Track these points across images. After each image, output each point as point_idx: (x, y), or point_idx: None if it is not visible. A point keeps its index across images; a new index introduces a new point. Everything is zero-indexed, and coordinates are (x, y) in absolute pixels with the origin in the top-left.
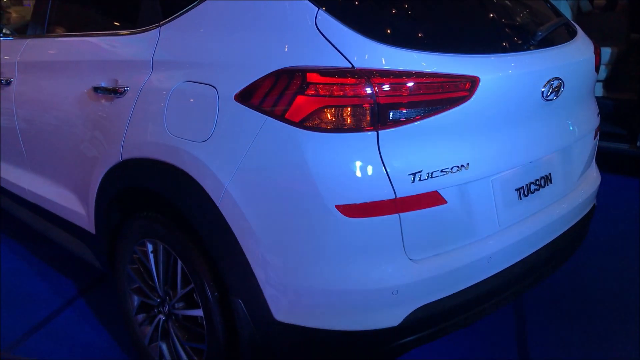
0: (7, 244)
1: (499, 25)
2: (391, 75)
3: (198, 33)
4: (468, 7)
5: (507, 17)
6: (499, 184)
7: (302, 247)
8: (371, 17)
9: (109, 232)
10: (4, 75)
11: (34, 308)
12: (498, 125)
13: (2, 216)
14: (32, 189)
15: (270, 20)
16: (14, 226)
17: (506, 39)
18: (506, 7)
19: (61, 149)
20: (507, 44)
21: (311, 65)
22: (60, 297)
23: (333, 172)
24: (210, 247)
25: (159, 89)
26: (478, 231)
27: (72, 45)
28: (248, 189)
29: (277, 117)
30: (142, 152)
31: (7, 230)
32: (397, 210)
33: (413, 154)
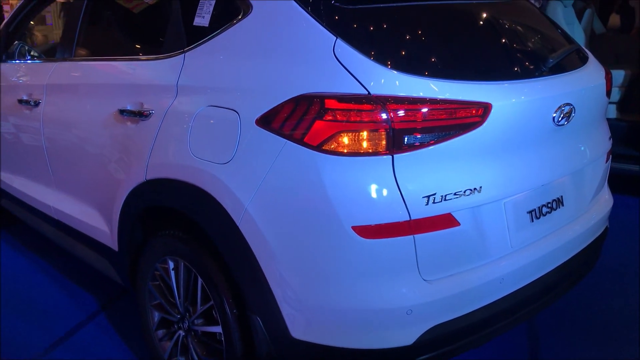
0: (31, 259)
1: (511, 52)
2: (406, 101)
3: (221, 60)
4: (480, 34)
5: (519, 43)
6: (511, 207)
7: (319, 266)
8: (387, 45)
9: (131, 249)
10: (33, 96)
11: (56, 322)
12: (510, 149)
13: (27, 232)
14: (57, 207)
15: (290, 48)
16: (38, 241)
17: (518, 66)
18: (518, 33)
19: (86, 168)
20: (519, 70)
21: (329, 91)
22: (81, 311)
23: (349, 194)
24: (230, 265)
25: (183, 113)
26: (491, 253)
27: (99, 68)
28: (267, 209)
29: (296, 140)
30: (166, 173)
31: (31, 246)
32: (411, 231)
33: (427, 177)
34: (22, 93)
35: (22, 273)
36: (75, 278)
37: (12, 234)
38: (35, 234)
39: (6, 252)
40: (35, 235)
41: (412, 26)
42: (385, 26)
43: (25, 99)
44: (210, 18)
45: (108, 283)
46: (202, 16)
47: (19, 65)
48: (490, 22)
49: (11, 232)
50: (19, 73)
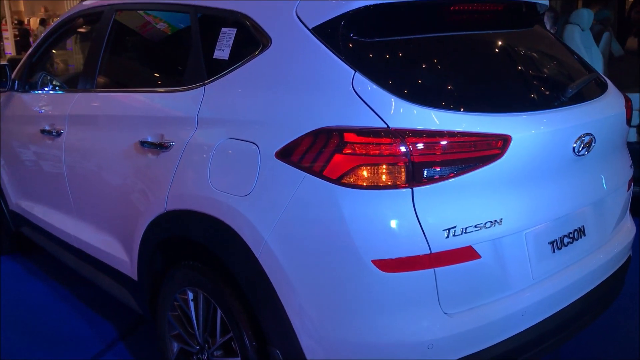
0: (51, 286)
1: (530, 83)
2: (425, 134)
3: (240, 92)
4: (498, 65)
5: (538, 73)
6: (532, 238)
7: (339, 299)
8: (405, 78)
9: (151, 279)
10: (55, 127)
11: (75, 351)
12: (530, 180)
13: (47, 259)
14: (77, 235)
15: (309, 82)
16: (59, 268)
17: (537, 96)
18: (536, 63)
19: (107, 198)
20: (538, 101)
21: (348, 125)
22: (101, 340)
23: (369, 227)
24: (250, 297)
25: (204, 145)
26: (512, 285)
27: (120, 100)
28: (287, 242)
29: (315, 173)
30: (187, 204)
31: (51, 273)
32: (432, 265)
33: (447, 210)
34: (44, 123)
35: (42, 300)
36: (95, 306)
37: (32, 261)
38: (56, 261)
39: (27, 279)
40: (56, 263)
41: (429, 58)
42: (403, 59)
43: (47, 129)
44: (229, 51)
45: (127, 311)
46: (222, 49)
47: (41, 95)
48: (508, 52)
49: (32, 259)
50: (41, 103)
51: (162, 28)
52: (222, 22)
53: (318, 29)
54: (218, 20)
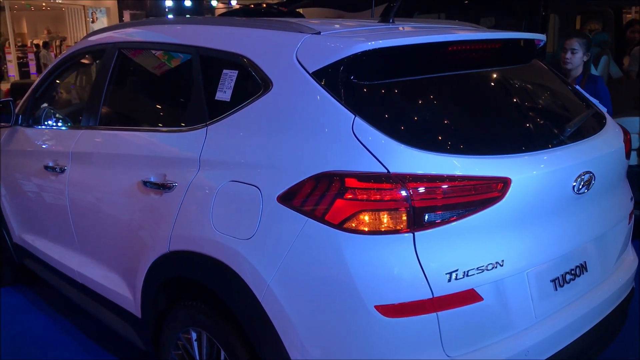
0: (54, 318)
1: (529, 123)
2: (425, 179)
3: (242, 134)
4: (497, 106)
5: (536, 113)
6: (534, 277)
7: (341, 343)
8: (404, 122)
9: (154, 317)
10: (59, 163)
11: None
12: (530, 220)
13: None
14: (81, 271)
15: (310, 126)
16: (61, 301)
17: (536, 136)
18: (535, 102)
19: (111, 236)
20: (537, 141)
21: (349, 169)
22: None
23: (371, 272)
24: (252, 339)
25: (206, 187)
26: (515, 325)
27: (123, 138)
28: (289, 286)
29: (317, 218)
30: (189, 245)
31: (54, 305)
32: (434, 309)
33: (449, 253)
34: (48, 159)
35: (44, 332)
36: (98, 339)
37: (35, 292)
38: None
39: (29, 310)
40: (58, 295)
41: (428, 101)
42: (403, 102)
43: (51, 165)
44: (231, 93)
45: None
46: (223, 91)
47: (45, 130)
48: (507, 91)
49: (35, 290)
50: (45, 138)
51: (164, 68)
52: (223, 64)
53: (318, 73)
54: (220, 61)
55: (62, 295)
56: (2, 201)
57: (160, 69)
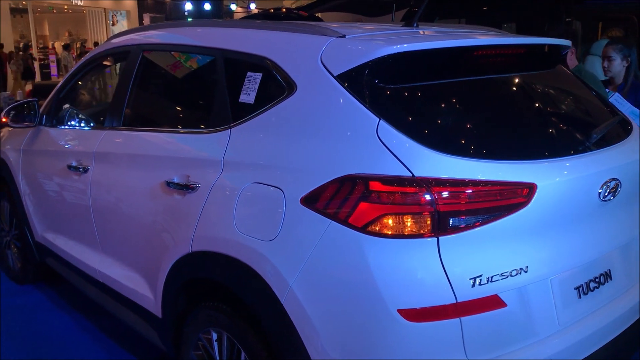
0: (73, 317)
1: (555, 128)
2: (451, 183)
3: (266, 137)
4: (523, 111)
5: (562, 119)
6: (557, 284)
7: (363, 346)
8: (430, 126)
9: (175, 317)
10: (82, 163)
11: None
12: (555, 227)
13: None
14: (102, 270)
15: (334, 128)
16: (81, 299)
17: (562, 142)
18: (560, 108)
19: (133, 236)
20: (562, 147)
21: (373, 173)
22: None
23: (395, 276)
24: (273, 340)
25: (229, 188)
26: (538, 332)
27: (147, 139)
28: (312, 288)
29: (340, 221)
30: (211, 246)
31: (74, 303)
32: (458, 314)
33: (473, 258)
34: (71, 159)
35: (64, 331)
36: (117, 338)
37: (56, 290)
38: (79, 292)
39: (50, 308)
40: (79, 293)
41: (454, 105)
42: (428, 105)
43: (74, 165)
44: (255, 95)
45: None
46: (247, 93)
47: (68, 131)
48: (532, 96)
49: (55, 289)
50: (68, 138)
51: (188, 70)
52: (248, 66)
53: (343, 76)
54: (244, 64)
55: (83, 294)
56: (25, 200)
57: (184, 71)
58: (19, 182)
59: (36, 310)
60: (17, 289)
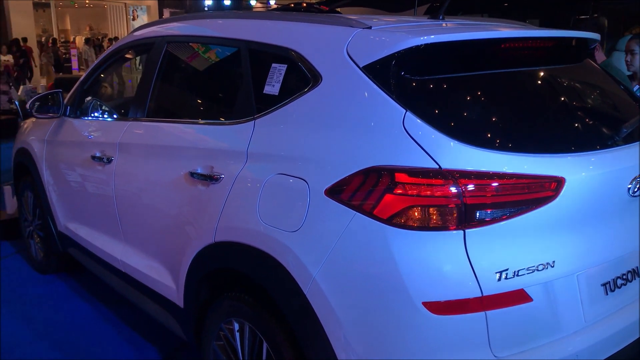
0: (95, 306)
1: (583, 122)
2: (478, 176)
3: (290, 128)
4: (551, 104)
5: (591, 112)
6: (584, 280)
7: (387, 340)
8: (456, 118)
9: (197, 307)
10: (106, 154)
11: None
12: (583, 222)
13: (91, 279)
14: (124, 260)
15: (359, 120)
16: (103, 289)
17: (591, 136)
18: (589, 101)
19: (156, 226)
20: (591, 141)
21: (399, 164)
22: None
23: (420, 269)
24: (296, 331)
25: (253, 179)
26: (564, 328)
27: (171, 130)
28: (335, 280)
29: (365, 213)
30: (235, 236)
31: (95, 293)
32: (483, 308)
33: (499, 252)
34: (95, 150)
35: (86, 320)
36: (138, 328)
37: (77, 281)
38: (100, 282)
39: (72, 298)
40: (100, 284)
41: (481, 97)
42: (455, 97)
43: (98, 155)
44: (280, 87)
45: (169, 335)
46: (272, 84)
47: (92, 122)
48: (560, 89)
49: (77, 279)
50: (92, 129)
51: (213, 61)
52: (272, 58)
53: (369, 68)
54: (269, 55)
55: (104, 284)
56: (49, 190)
57: (208, 62)
58: (42, 173)
59: (58, 300)
60: (40, 278)
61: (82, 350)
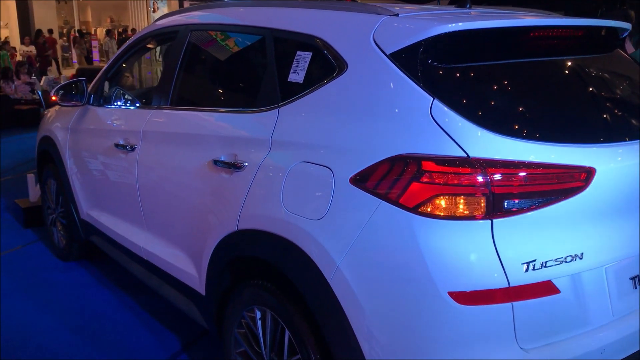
0: (116, 294)
1: (613, 113)
2: (506, 165)
3: (315, 116)
4: (580, 94)
5: (621, 103)
6: (612, 273)
7: (412, 330)
8: (485, 107)
9: (218, 295)
10: (129, 141)
11: None
12: (613, 214)
13: (112, 267)
14: (147, 248)
15: (386, 108)
16: (124, 277)
17: (622, 127)
18: (619, 91)
19: (179, 214)
20: (621, 132)
21: (426, 153)
22: (165, 351)
23: (446, 258)
24: (319, 320)
25: (277, 167)
26: (591, 321)
27: (195, 119)
28: (360, 268)
29: (391, 201)
30: (258, 224)
31: (116, 281)
32: (509, 299)
33: (527, 243)
34: (118, 137)
35: (107, 307)
36: (158, 316)
37: (99, 268)
38: (121, 269)
39: (93, 285)
40: (121, 271)
41: (509, 85)
42: (483, 86)
43: (121, 143)
44: (304, 75)
45: (189, 323)
46: (296, 72)
47: (115, 110)
48: (590, 79)
49: (99, 266)
50: (115, 117)
51: (237, 49)
52: (297, 46)
53: (396, 55)
54: (293, 43)
55: (125, 272)
56: (72, 178)
57: (232, 50)
58: (65, 160)
59: (79, 287)
60: (62, 265)
61: (102, 337)
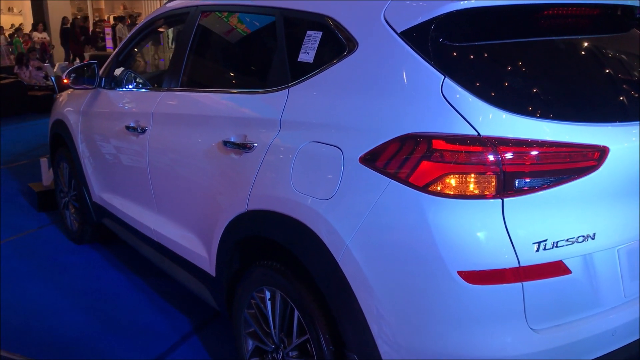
0: (128, 276)
1: (627, 92)
2: (518, 144)
3: (325, 96)
4: (594, 73)
5: (636, 84)
6: (625, 254)
7: (419, 308)
8: (496, 85)
9: (229, 276)
10: (140, 124)
11: (150, 342)
12: (626, 194)
13: (124, 250)
14: (158, 229)
15: (396, 86)
16: (135, 260)
17: (634, 107)
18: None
19: (189, 195)
20: (636, 112)
21: (436, 131)
22: (176, 332)
23: (456, 237)
24: (328, 300)
25: (286, 148)
26: (603, 302)
27: (205, 100)
28: (369, 248)
29: (401, 180)
30: (268, 205)
31: (128, 263)
32: (520, 279)
33: (538, 222)
34: (129, 120)
35: (119, 290)
36: (170, 298)
37: (112, 251)
38: (133, 252)
39: (105, 268)
40: (132, 254)
41: (522, 64)
42: (495, 64)
43: (132, 125)
44: (314, 54)
45: (201, 305)
46: (306, 52)
47: (127, 93)
48: (605, 58)
49: (111, 249)
50: (126, 100)
51: (247, 30)
52: (307, 25)
53: (407, 33)
54: (304, 22)
55: (137, 254)
56: (84, 161)
57: (242, 31)
58: (77, 143)
59: (92, 269)
60: (75, 248)
61: (114, 318)
